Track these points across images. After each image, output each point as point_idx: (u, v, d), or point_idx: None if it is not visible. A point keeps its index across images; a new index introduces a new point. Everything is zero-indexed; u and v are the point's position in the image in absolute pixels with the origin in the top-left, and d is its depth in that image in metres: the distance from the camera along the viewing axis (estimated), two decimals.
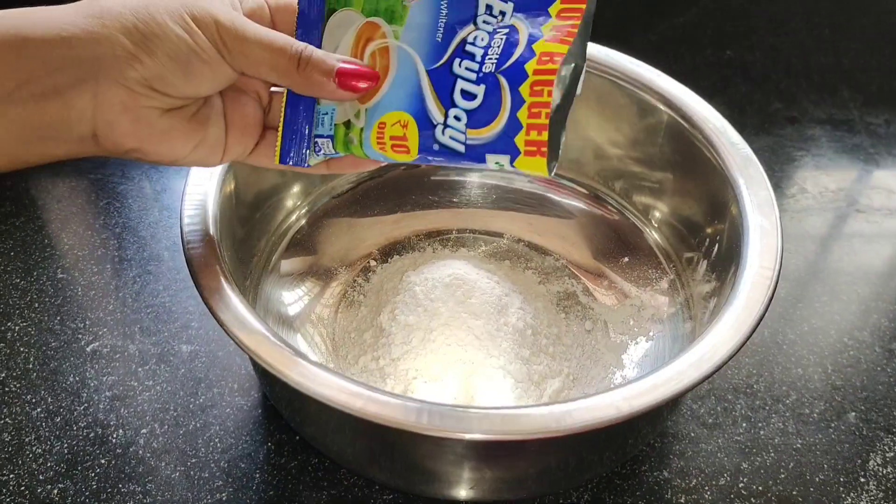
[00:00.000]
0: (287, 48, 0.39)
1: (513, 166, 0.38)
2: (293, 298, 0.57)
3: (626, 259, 0.61)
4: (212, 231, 0.46)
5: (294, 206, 0.61)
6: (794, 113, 0.81)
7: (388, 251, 0.63)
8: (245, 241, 0.55)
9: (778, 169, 0.76)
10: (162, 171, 0.71)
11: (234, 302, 0.43)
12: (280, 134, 0.42)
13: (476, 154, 0.39)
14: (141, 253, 0.64)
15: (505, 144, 0.38)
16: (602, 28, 0.89)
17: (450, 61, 0.39)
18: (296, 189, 0.61)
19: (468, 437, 0.39)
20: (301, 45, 0.39)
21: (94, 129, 0.37)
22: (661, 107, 0.57)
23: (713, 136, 0.54)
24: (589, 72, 0.60)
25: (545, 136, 0.37)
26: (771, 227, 0.48)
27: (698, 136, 0.55)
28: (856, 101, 0.83)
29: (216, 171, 0.50)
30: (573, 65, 0.40)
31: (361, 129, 0.41)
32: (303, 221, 0.62)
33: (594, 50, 0.60)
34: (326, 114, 0.42)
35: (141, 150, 0.39)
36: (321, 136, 0.42)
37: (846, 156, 0.78)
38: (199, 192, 0.49)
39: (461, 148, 0.39)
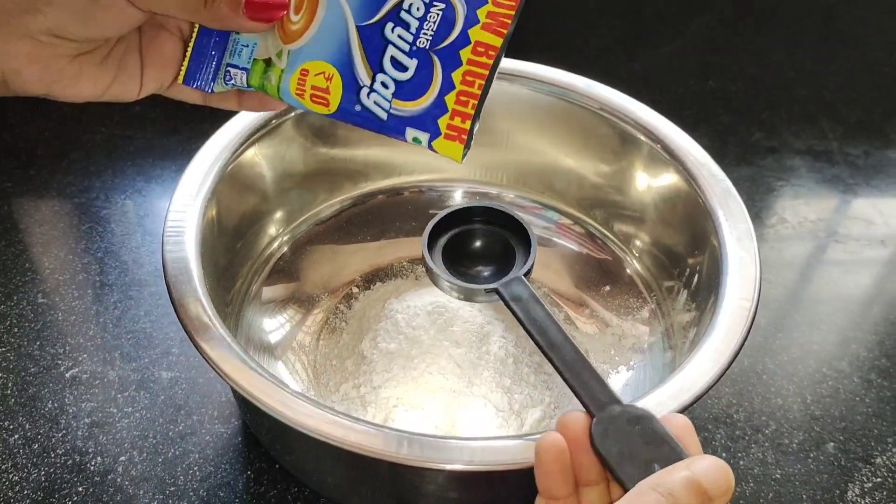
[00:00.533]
0: None
1: (430, 146, 0.39)
2: (275, 326, 0.57)
3: (608, 288, 0.62)
4: (193, 258, 0.46)
5: (277, 233, 0.61)
6: (774, 143, 0.82)
7: (371, 278, 0.63)
8: (227, 269, 0.55)
9: (758, 199, 0.77)
10: (145, 194, 0.71)
11: (215, 330, 0.43)
12: (188, 56, 0.41)
13: (397, 126, 0.39)
14: (123, 278, 0.64)
15: (428, 123, 0.38)
16: (586, 57, 0.91)
17: (382, 22, 0.39)
18: (278, 215, 0.61)
19: (449, 467, 0.39)
20: None
21: (2, 76, 0.37)
22: (643, 138, 0.58)
23: (694, 168, 0.54)
24: (571, 102, 0.61)
25: (468, 125, 0.38)
26: (750, 260, 0.48)
27: (679, 168, 0.55)
28: (835, 132, 0.85)
29: (199, 198, 0.50)
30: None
31: (282, 71, 0.40)
32: (285, 248, 0.62)
33: (577, 81, 0.61)
34: (246, 46, 0.41)
35: (51, 93, 0.38)
36: (235, 67, 0.41)
37: (825, 186, 0.79)
38: (181, 218, 0.49)
39: (383, 115, 0.39)
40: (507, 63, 0.62)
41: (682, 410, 0.41)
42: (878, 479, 0.56)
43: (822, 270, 0.71)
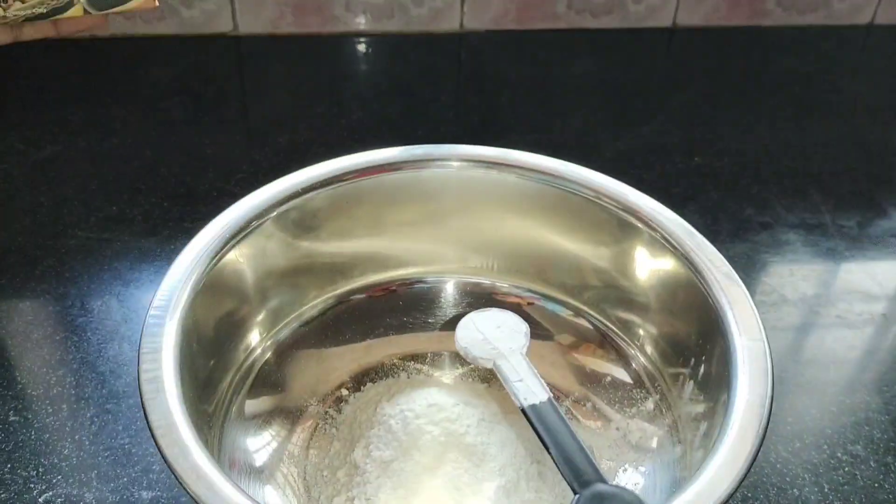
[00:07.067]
0: None
1: None
2: (261, 443, 0.54)
3: (609, 379, 0.59)
4: (171, 377, 0.43)
5: (260, 338, 0.58)
6: (767, 218, 0.81)
7: (361, 378, 0.60)
8: (208, 381, 0.52)
9: (755, 276, 0.75)
10: (123, 299, 0.69)
11: (194, 456, 0.40)
12: None
13: None
14: (99, 390, 0.61)
15: None
16: (569, 138, 0.90)
17: None
18: (261, 318, 0.58)
19: None
20: None
21: None
22: (640, 224, 0.56)
23: (693, 254, 0.52)
24: (560, 188, 0.59)
25: None
26: (759, 352, 0.46)
27: (679, 255, 0.53)
28: (827, 204, 0.83)
29: (177, 310, 0.47)
30: None
31: None
32: (269, 354, 0.58)
33: (561, 166, 0.59)
34: None
35: None
36: None
37: (821, 260, 0.77)
38: (158, 332, 0.46)
39: None
40: (490, 151, 0.61)
41: None
42: None
43: (825, 349, 0.69)
